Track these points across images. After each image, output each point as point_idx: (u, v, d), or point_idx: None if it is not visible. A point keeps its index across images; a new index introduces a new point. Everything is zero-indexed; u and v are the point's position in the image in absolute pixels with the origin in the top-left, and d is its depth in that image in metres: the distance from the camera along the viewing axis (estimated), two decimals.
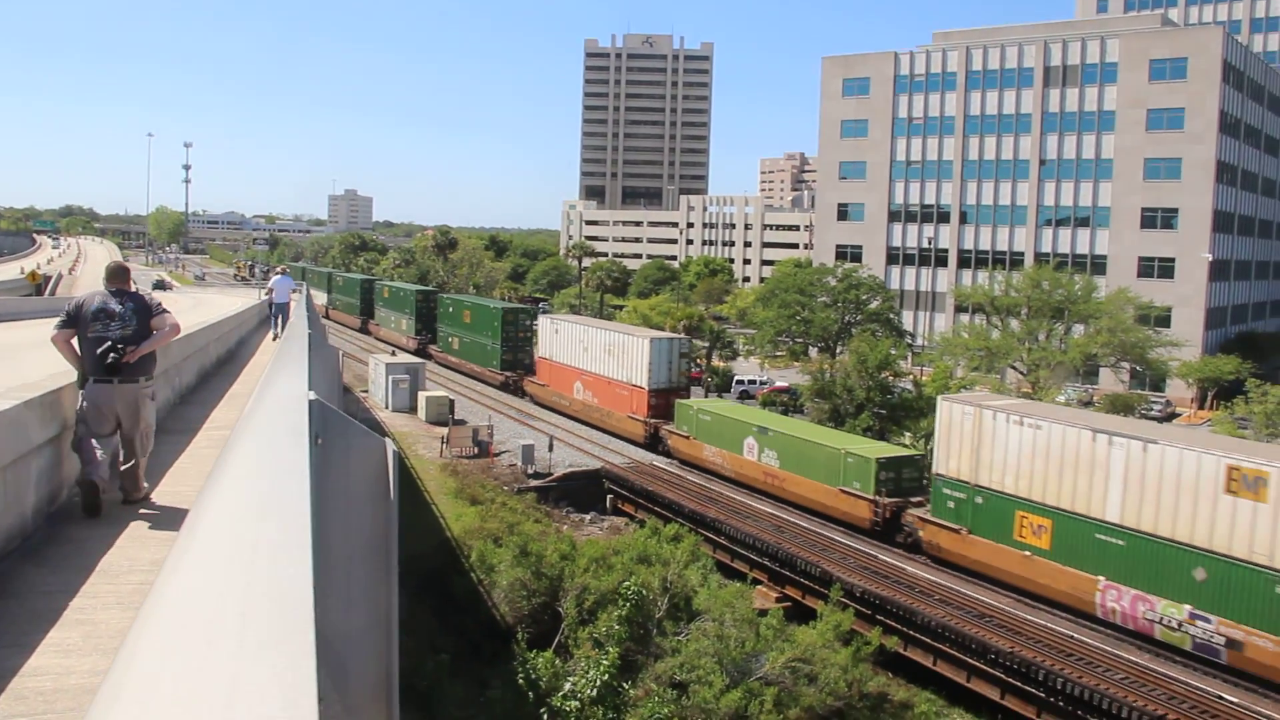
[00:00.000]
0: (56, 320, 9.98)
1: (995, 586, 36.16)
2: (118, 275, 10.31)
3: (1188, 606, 29.87)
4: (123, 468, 9.71)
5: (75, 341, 9.77)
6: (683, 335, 67.06)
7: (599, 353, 61.39)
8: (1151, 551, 30.92)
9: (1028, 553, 34.92)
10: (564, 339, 65.82)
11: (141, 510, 9.68)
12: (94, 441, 9.33)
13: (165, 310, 10.34)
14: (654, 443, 56.58)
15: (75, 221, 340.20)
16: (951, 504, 38.11)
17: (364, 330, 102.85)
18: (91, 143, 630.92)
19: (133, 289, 10.37)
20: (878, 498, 41.32)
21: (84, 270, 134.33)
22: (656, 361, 57.37)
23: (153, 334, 9.92)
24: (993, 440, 36.37)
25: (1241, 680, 28.90)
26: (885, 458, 42.48)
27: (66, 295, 73.24)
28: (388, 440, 5.32)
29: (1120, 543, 31.84)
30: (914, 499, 41.51)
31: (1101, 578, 32.36)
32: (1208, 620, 29.30)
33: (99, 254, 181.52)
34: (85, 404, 9.51)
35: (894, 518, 41.13)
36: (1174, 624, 30.27)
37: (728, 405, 61.52)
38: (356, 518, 4.97)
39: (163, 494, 10.29)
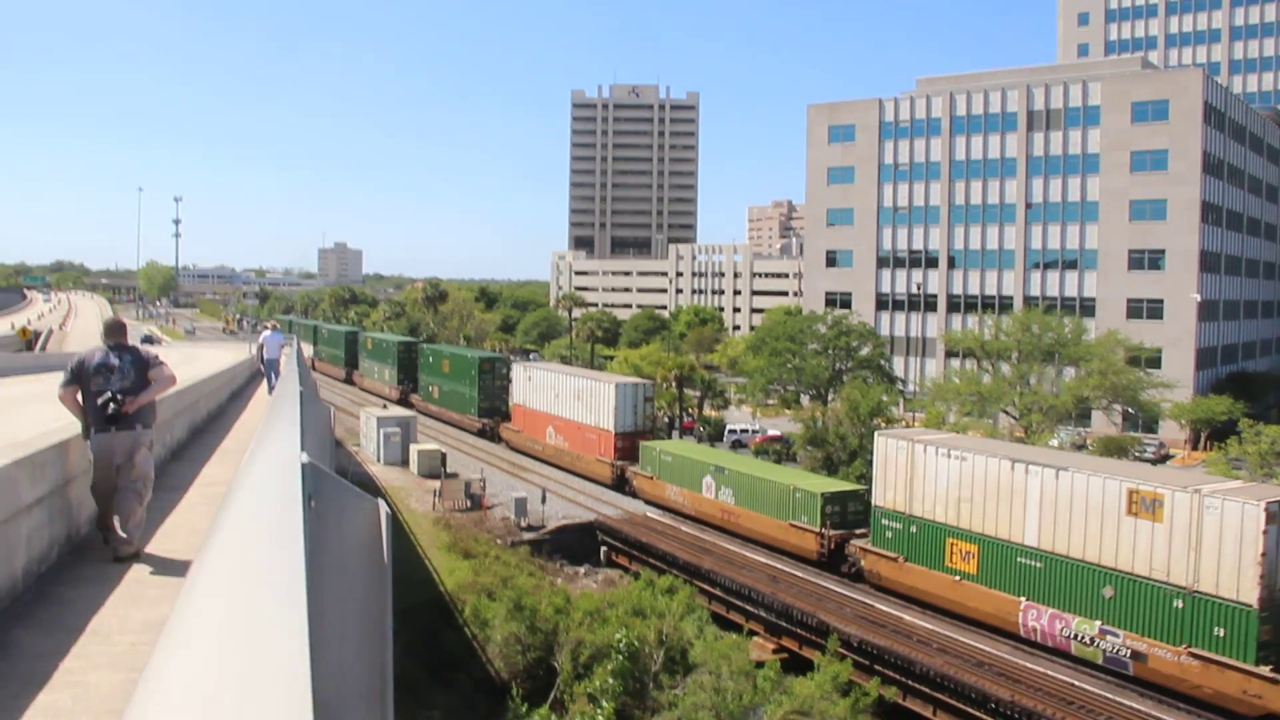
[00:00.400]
0: (61, 379, 10.34)
1: (931, 611, 38.30)
2: (115, 331, 10.75)
3: (1098, 622, 32.36)
4: (119, 516, 9.87)
5: (80, 396, 10.15)
6: (646, 380, 69.00)
7: (569, 399, 63.91)
8: (1066, 572, 33.47)
9: (957, 577, 37.40)
10: (537, 386, 68.37)
11: (134, 568, 9.58)
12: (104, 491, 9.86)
13: (162, 362, 10.71)
14: (620, 483, 58.75)
15: (66, 277, 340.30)
16: (890, 534, 40.63)
17: (349, 381, 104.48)
18: (82, 198, 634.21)
19: (129, 343, 10.76)
20: (823, 530, 43.75)
21: (74, 325, 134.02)
22: (622, 406, 59.85)
23: (150, 385, 10.31)
24: (924, 473, 38.87)
25: (1147, 691, 30.78)
26: (830, 492, 45.00)
27: (57, 351, 73.12)
28: (381, 502, 5.26)
29: (1038, 565, 34.33)
30: (858, 530, 43.62)
31: (1023, 598, 34.80)
32: (1116, 635, 31.79)
33: (90, 309, 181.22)
34: (92, 455, 9.98)
35: (838, 549, 43.51)
36: (1087, 639, 32.66)
37: (688, 446, 63.71)
38: (351, 581, 4.90)
39: (154, 551, 10.19)
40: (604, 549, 51.31)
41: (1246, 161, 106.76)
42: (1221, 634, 29.21)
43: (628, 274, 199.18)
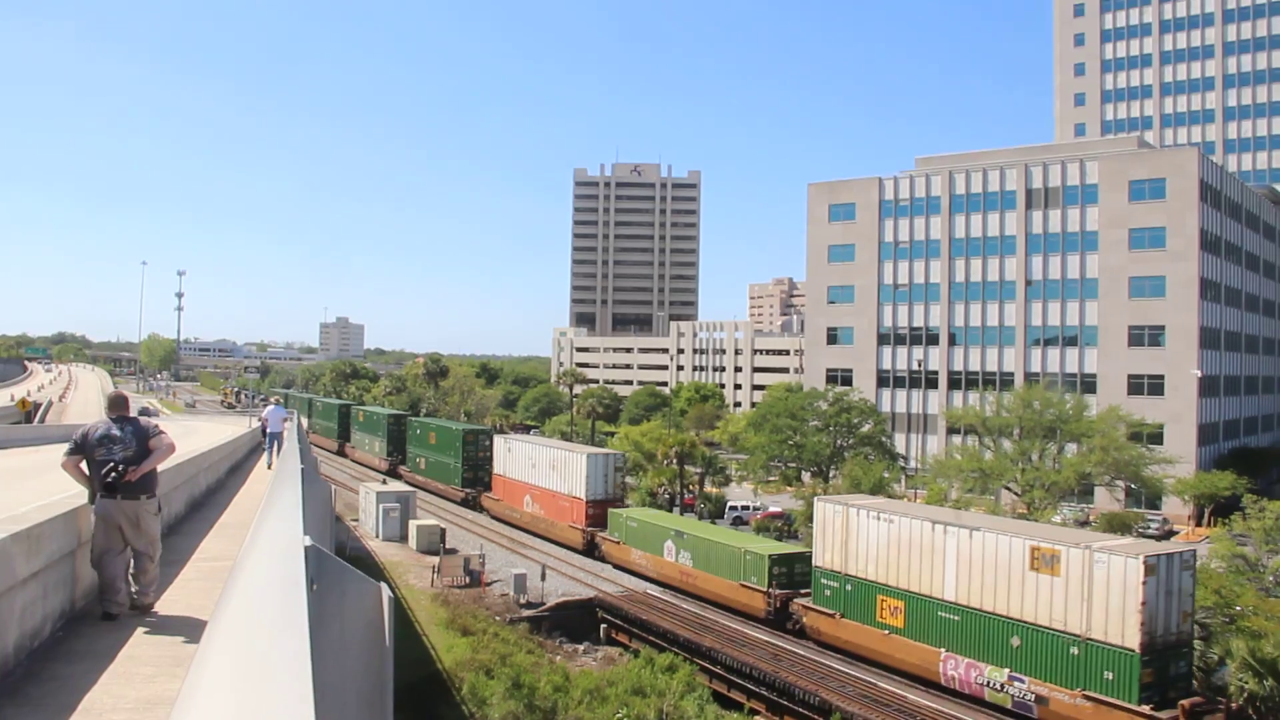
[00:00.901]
0: (66, 448, 10.74)
1: (865, 664, 40.77)
2: (118, 404, 11.23)
3: (1007, 670, 35.13)
4: (134, 574, 10.49)
5: (84, 465, 10.59)
6: (616, 452, 71.88)
7: (545, 469, 66.97)
8: (979, 624, 36.26)
9: (887, 631, 40.25)
10: (516, 457, 71.52)
11: (128, 644, 9.43)
12: (111, 560, 10.23)
13: (162, 432, 11.09)
14: (591, 548, 61.56)
15: (67, 349, 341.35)
16: (828, 592, 43.60)
17: (340, 453, 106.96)
18: (85, 270, 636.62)
19: (132, 415, 11.18)
20: (770, 590, 46.72)
21: (74, 397, 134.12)
22: (593, 475, 62.96)
23: (151, 454, 10.68)
24: (857, 534, 41.95)
25: None
26: (777, 554, 48.33)
27: (56, 423, 72.98)
28: (383, 585, 5.18)
29: (956, 618, 37.16)
30: (803, 590, 46.22)
31: (943, 649, 37.59)
32: (1022, 681, 34.62)
33: (90, 381, 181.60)
34: (95, 521, 10.33)
35: (784, 607, 46.24)
36: (998, 686, 35.35)
37: (651, 513, 65.60)
38: (353, 665, 4.81)
39: (149, 627, 10.04)
40: (604, 626, 50.82)
41: (1243, 238, 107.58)
42: (1110, 677, 31.96)
43: (629, 350, 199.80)
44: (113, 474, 10.33)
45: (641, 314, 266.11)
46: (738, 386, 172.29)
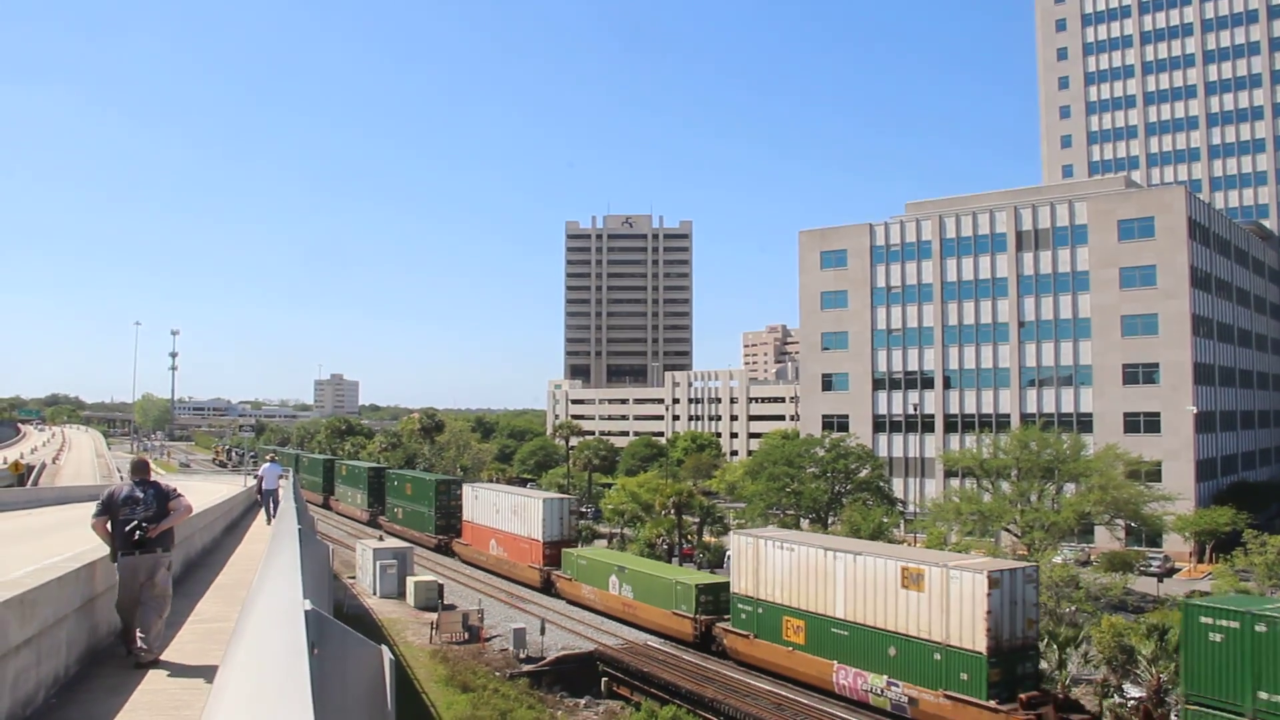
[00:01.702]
0: (94, 510, 11.85)
1: (775, 678, 45.19)
2: (140, 469, 12.49)
3: (886, 676, 40.11)
4: (141, 627, 11.27)
5: (109, 525, 11.64)
6: (570, 496, 79.87)
7: (508, 513, 71.98)
8: (865, 637, 41.30)
9: (790, 648, 44.99)
10: (483, 504, 76.43)
11: (121, 711, 9.25)
12: (133, 610, 11.32)
13: (180, 494, 12.24)
14: (548, 586, 66.01)
15: (61, 410, 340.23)
16: (744, 615, 48.25)
17: (325, 505, 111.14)
18: (78, 331, 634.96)
19: (152, 478, 12.30)
20: (697, 616, 51.44)
21: (68, 459, 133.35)
22: (549, 518, 67.85)
23: (169, 514, 11.85)
24: (766, 562, 46.78)
25: None
26: (704, 584, 53.06)
27: (50, 485, 72.58)
28: (384, 648, 5.07)
29: (845, 633, 42.23)
30: (726, 616, 50.44)
31: (835, 661, 42.51)
32: (898, 685, 39.54)
33: (84, 442, 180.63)
34: (120, 576, 11.44)
35: (708, 631, 51.06)
36: (879, 691, 40.32)
37: (599, 551, 71.37)
38: None
39: (143, 694, 9.85)
40: (604, 679, 50.31)
41: (1233, 274, 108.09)
42: (965, 678, 37.00)
43: (624, 402, 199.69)
44: (137, 532, 11.43)
45: (636, 365, 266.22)
46: (734, 435, 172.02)
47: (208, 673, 10.53)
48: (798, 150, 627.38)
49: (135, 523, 11.47)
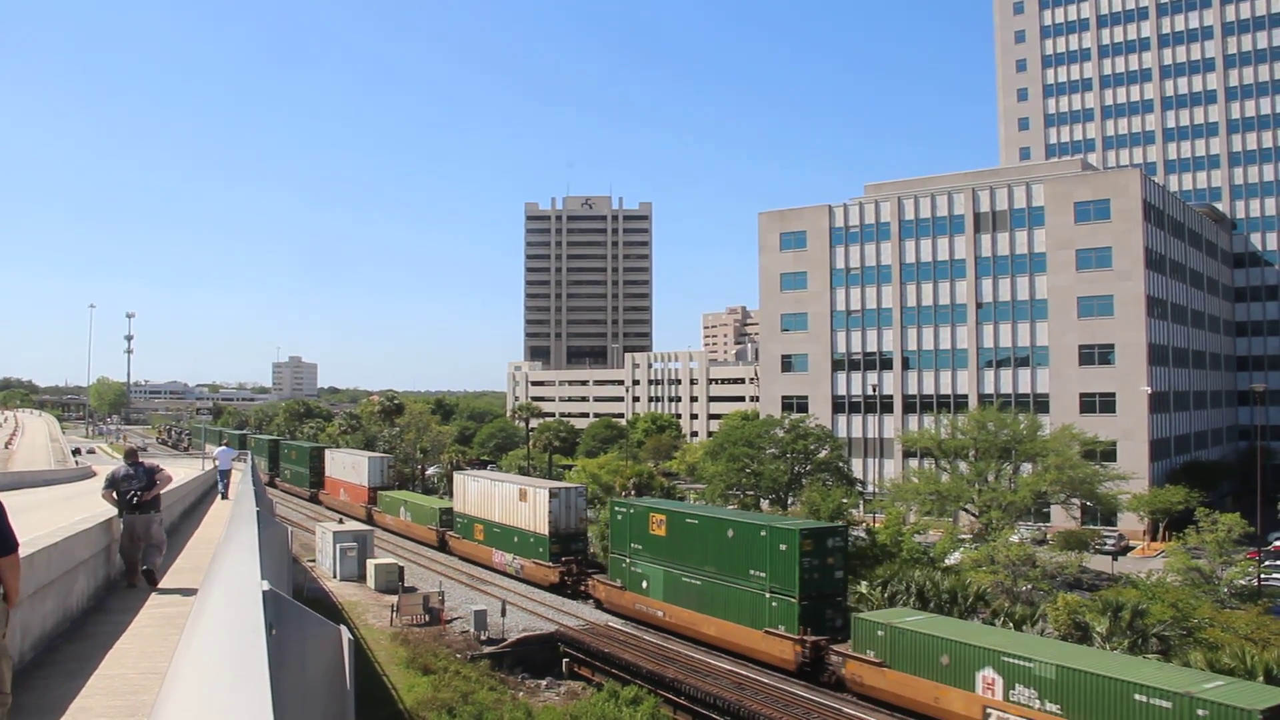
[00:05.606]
0: (103, 485, 16.80)
1: (470, 563, 68.98)
2: (131, 455, 17.23)
3: (514, 554, 64.02)
4: (148, 559, 15.92)
5: (114, 495, 16.34)
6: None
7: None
8: (506, 531, 65.48)
9: (476, 542, 70.01)
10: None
11: (79, 696, 9.19)
12: (132, 552, 15.94)
13: (161, 468, 17.39)
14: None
15: (13, 394, 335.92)
16: (459, 524, 71.78)
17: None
18: (30, 315, 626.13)
19: (141, 461, 17.12)
20: (440, 529, 73.96)
21: (20, 443, 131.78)
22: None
23: (155, 484, 16.64)
24: (467, 490, 76.55)
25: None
26: (443, 508, 74.54)
27: (2, 470, 71.66)
28: (343, 628, 5.06)
29: (499, 530, 66.16)
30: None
31: (493, 548, 67.16)
32: (519, 560, 63.31)
33: (37, 427, 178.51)
34: (123, 530, 16.11)
35: (443, 539, 73.68)
36: (511, 561, 64.20)
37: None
38: (314, 708, 4.67)
39: (100, 679, 9.78)
40: (566, 661, 50.36)
41: (1187, 256, 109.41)
42: (541, 551, 60.76)
43: (584, 383, 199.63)
44: (134, 498, 16.16)
45: (596, 346, 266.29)
46: (694, 416, 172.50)
47: (165, 655, 10.47)
48: (758, 131, 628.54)
49: (132, 493, 16.19)
